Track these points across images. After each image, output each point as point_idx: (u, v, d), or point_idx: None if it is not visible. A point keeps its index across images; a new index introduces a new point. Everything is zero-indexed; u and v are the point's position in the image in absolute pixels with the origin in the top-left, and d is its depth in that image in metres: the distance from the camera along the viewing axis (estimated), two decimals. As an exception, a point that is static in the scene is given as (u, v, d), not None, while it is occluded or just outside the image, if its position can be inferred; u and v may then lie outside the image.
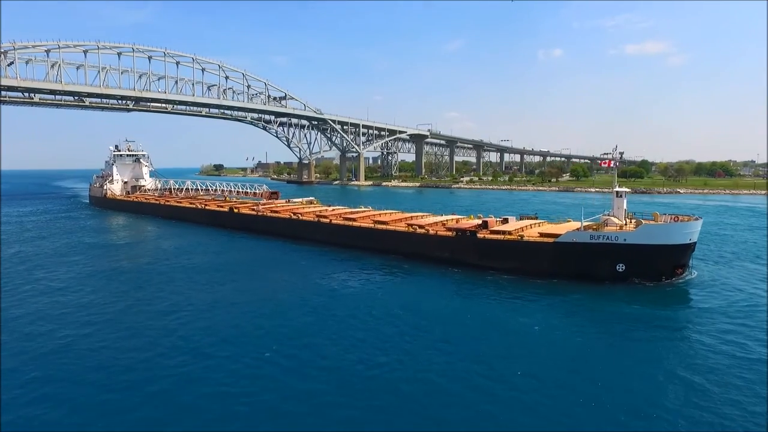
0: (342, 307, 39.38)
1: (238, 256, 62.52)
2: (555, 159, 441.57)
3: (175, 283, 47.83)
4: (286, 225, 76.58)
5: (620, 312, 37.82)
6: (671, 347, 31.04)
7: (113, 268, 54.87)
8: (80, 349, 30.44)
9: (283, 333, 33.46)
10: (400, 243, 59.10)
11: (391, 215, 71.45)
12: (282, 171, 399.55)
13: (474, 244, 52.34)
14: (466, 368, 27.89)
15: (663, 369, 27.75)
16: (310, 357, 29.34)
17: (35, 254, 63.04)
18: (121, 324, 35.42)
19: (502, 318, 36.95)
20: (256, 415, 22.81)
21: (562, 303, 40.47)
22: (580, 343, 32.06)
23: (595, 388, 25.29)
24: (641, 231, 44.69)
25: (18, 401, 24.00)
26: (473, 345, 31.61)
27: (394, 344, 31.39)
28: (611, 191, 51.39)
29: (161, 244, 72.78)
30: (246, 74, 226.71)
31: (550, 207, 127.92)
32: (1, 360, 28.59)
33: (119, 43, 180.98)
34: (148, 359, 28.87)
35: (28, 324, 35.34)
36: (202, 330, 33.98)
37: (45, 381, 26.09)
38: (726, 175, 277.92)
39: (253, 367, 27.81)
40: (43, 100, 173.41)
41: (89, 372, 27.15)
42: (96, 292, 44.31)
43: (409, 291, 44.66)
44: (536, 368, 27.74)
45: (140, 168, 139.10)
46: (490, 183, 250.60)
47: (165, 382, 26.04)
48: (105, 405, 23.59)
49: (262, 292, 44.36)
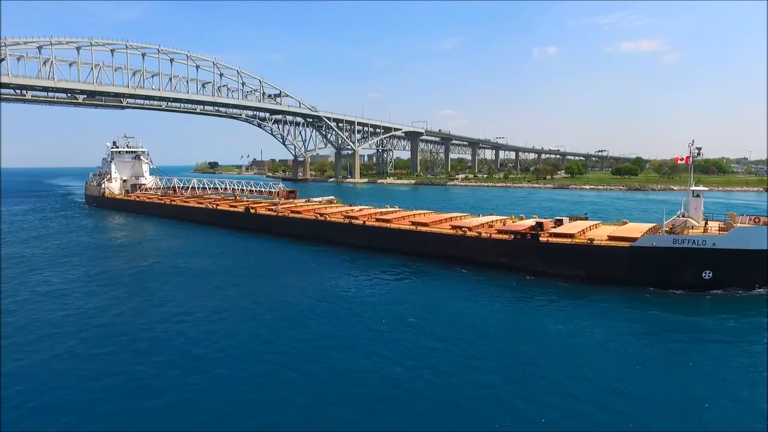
0: (400, 320, 35.20)
1: (263, 261, 58.56)
2: (550, 156, 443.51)
3: (203, 287, 44.67)
4: (311, 227, 71.29)
5: (719, 327, 33.55)
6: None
7: (133, 272, 51.32)
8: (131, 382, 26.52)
9: (339, 348, 30.37)
10: (446, 247, 54.84)
11: (426, 216, 66.70)
12: (277, 169, 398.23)
13: (536, 248, 48.05)
14: (546, 388, 24.72)
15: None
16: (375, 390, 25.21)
17: (33, 255, 61.02)
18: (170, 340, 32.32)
19: (579, 335, 32.26)
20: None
21: (643, 315, 35.99)
22: (679, 368, 27.37)
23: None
24: (733, 234, 40.81)
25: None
26: (551, 367, 27.48)
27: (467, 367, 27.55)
28: (686, 189, 47.35)
29: (174, 247, 67.64)
30: (240, 71, 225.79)
31: (558, 205, 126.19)
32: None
33: (112, 40, 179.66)
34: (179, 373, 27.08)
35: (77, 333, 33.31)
36: (246, 340, 31.82)
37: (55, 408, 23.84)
38: (719, 172, 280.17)
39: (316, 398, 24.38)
40: (35, 98, 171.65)
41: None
42: (120, 300, 41.31)
43: (471, 302, 40.22)
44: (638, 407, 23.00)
45: (140, 165, 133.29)
46: (486, 180, 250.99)
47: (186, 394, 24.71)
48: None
49: (301, 301, 40.57)
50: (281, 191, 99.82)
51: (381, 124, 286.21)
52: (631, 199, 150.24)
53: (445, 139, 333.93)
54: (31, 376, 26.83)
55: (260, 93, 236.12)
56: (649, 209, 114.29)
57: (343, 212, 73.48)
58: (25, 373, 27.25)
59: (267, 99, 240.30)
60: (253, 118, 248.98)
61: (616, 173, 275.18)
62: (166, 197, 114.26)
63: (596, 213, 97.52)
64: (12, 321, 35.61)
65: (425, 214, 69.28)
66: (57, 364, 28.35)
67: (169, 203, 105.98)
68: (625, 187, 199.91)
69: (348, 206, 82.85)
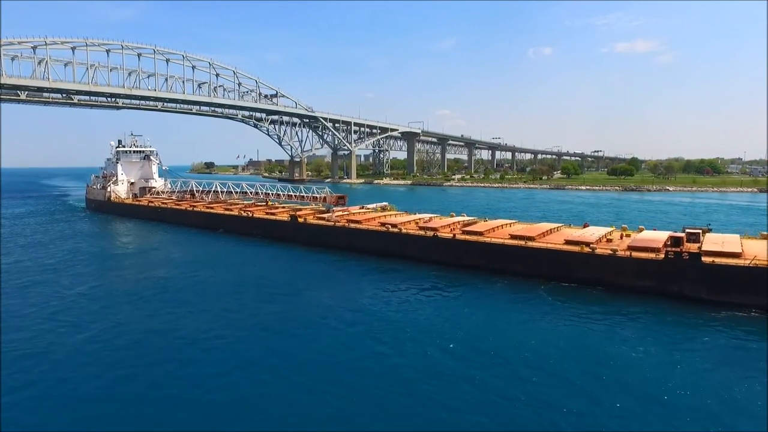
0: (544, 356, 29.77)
1: (339, 283, 49.32)
2: (546, 156, 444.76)
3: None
4: (380, 240, 61.07)
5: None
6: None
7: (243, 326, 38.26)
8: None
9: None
10: (566, 267, 46.26)
11: (530, 228, 56.87)
12: (273, 169, 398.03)
13: (697, 270, 39.97)
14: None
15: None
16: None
17: (29, 265, 59.87)
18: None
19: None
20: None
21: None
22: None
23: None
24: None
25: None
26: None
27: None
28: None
29: (234, 266, 56.67)
30: (237, 72, 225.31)
31: (578, 209, 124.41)
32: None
33: (108, 40, 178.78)
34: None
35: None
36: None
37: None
38: (714, 173, 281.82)
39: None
40: (29, 98, 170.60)
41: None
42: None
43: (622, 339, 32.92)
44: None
45: (149, 166, 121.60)
46: (482, 181, 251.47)
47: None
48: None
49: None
50: (329, 197, 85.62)
51: (377, 124, 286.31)
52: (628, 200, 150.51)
53: (441, 139, 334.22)
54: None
55: (257, 93, 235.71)
56: (668, 211, 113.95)
57: (416, 221, 65.12)
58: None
59: (263, 99, 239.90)
60: (249, 119, 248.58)
61: (612, 174, 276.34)
62: (184, 202, 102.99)
63: (616, 217, 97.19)
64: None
65: (522, 225, 60.70)
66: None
67: (191, 209, 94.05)
68: (621, 187, 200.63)
69: (416, 215, 71.61)
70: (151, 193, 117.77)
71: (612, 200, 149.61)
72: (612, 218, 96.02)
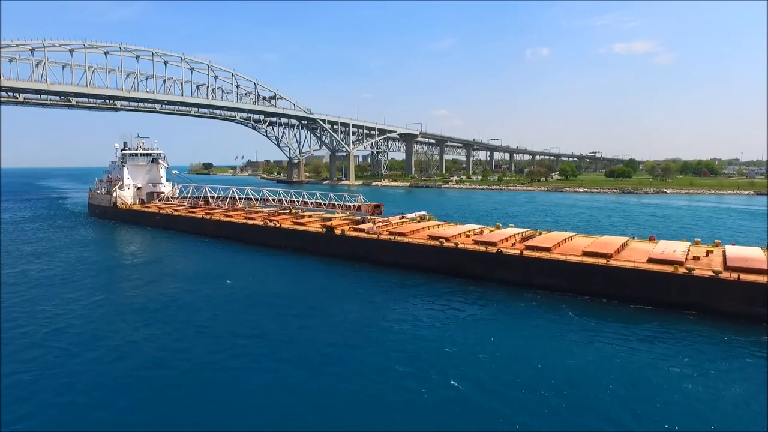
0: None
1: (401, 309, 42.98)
2: (544, 158, 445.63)
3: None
4: (433, 255, 55.51)
5: None
6: None
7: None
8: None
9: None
10: (657, 288, 41.86)
11: (602, 243, 52.11)
12: (272, 170, 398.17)
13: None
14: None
15: None
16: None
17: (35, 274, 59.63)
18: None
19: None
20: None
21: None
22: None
23: None
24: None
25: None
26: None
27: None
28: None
29: (277, 288, 50.50)
30: (235, 74, 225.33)
31: (589, 214, 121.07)
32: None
33: (106, 43, 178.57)
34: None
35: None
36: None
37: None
38: (711, 174, 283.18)
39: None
40: (28, 100, 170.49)
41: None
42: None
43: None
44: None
45: (158, 170, 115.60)
46: (480, 183, 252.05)
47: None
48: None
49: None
50: (364, 205, 77.53)
51: (376, 126, 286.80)
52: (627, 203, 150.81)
53: (439, 140, 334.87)
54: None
55: (255, 95, 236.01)
56: (672, 216, 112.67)
57: (466, 234, 60.87)
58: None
59: (262, 101, 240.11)
60: (247, 121, 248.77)
61: (609, 175, 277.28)
62: (198, 209, 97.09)
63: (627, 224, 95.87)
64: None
65: (585, 239, 55.61)
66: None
67: (208, 218, 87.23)
68: (618, 189, 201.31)
69: (464, 227, 66.85)
70: (159, 199, 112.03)
71: (613, 203, 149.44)
72: (625, 223, 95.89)
